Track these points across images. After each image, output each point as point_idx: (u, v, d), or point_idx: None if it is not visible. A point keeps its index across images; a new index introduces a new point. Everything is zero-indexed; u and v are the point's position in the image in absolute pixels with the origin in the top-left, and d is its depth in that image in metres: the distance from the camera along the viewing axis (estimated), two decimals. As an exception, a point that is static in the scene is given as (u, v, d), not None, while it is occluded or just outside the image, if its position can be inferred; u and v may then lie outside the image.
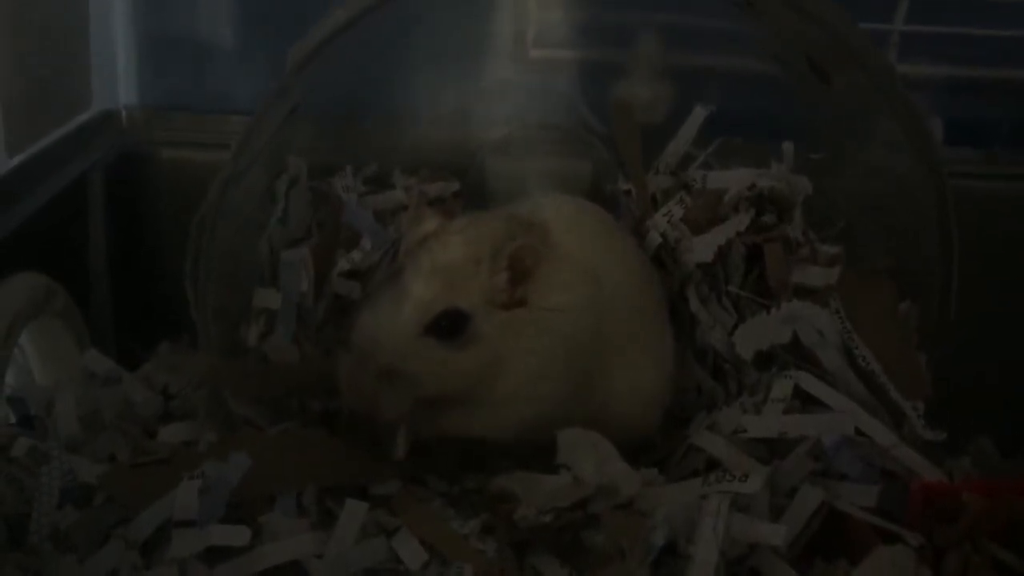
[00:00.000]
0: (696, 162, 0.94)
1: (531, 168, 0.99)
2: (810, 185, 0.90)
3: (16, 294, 0.84)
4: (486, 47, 1.03)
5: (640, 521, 0.66)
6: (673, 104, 1.00)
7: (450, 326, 0.70)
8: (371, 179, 0.98)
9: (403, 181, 0.98)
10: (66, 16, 0.98)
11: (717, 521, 0.65)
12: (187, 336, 0.87)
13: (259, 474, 0.68)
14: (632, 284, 0.80)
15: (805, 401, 0.77)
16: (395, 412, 0.71)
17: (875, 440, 0.73)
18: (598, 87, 1.02)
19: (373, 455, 0.75)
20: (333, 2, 0.81)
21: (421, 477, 0.75)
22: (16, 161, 0.90)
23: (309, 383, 0.82)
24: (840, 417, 0.74)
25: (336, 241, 0.93)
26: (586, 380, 0.76)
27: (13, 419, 0.81)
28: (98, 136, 1.05)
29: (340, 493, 0.69)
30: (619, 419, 0.77)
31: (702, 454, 0.75)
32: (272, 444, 0.71)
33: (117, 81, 1.09)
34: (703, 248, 0.87)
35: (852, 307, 0.81)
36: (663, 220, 0.89)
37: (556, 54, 1.04)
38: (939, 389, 0.79)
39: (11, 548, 0.66)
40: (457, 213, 0.91)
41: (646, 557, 0.64)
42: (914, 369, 0.79)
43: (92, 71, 1.03)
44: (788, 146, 0.92)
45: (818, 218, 0.91)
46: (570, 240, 0.77)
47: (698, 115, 0.93)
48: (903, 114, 0.84)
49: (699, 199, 0.90)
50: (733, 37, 0.97)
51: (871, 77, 0.82)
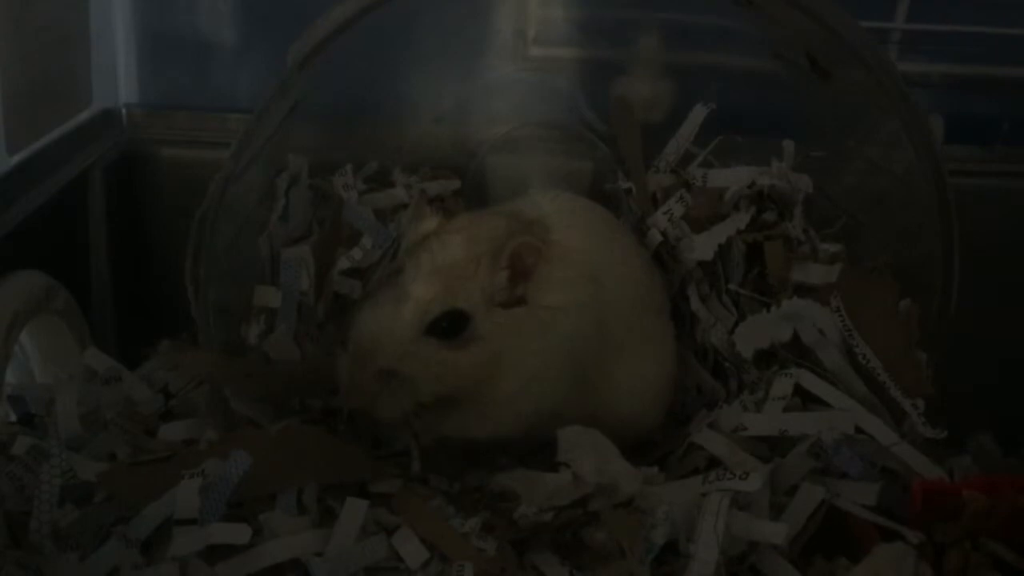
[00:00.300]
0: (696, 160, 0.94)
1: (531, 166, 0.99)
2: (811, 183, 0.90)
3: (16, 292, 0.84)
4: (487, 45, 1.03)
5: (640, 519, 0.67)
6: (673, 102, 1.00)
7: (450, 326, 0.70)
8: (371, 177, 0.98)
9: (403, 179, 0.98)
10: (66, 15, 0.98)
11: (717, 519, 0.65)
12: (187, 334, 0.87)
13: (259, 472, 0.68)
14: (632, 282, 0.80)
15: (805, 399, 0.77)
16: (395, 412, 0.71)
17: (875, 438, 0.73)
18: (599, 85, 1.02)
19: (373, 454, 0.75)
20: (333, 0, 0.81)
21: (422, 475, 0.75)
22: (16, 160, 0.89)
23: (309, 381, 0.82)
24: (840, 415, 0.74)
25: (336, 239, 0.93)
26: (586, 379, 0.76)
27: (13, 417, 0.81)
28: (98, 135, 1.04)
29: (340, 491, 0.69)
30: (620, 417, 0.77)
31: (702, 452, 0.75)
32: (273, 442, 0.71)
33: (117, 80, 1.09)
34: (703, 246, 0.87)
35: (852, 305, 0.81)
36: (663, 218, 0.89)
37: (557, 52, 1.04)
38: (939, 386, 0.79)
39: (12, 546, 0.66)
40: (457, 211, 0.91)
41: (646, 555, 0.65)
42: (914, 367, 0.79)
43: (92, 69, 1.03)
44: (788, 144, 0.92)
45: (818, 216, 0.91)
46: (570, 239, 0.77)
47: (698, 113, 0.93)
48: (904, 112, 0.84)
49: (699, 197, 0.90)
50: (733, 35, 0.97)
51: (872, 75, 0.82)
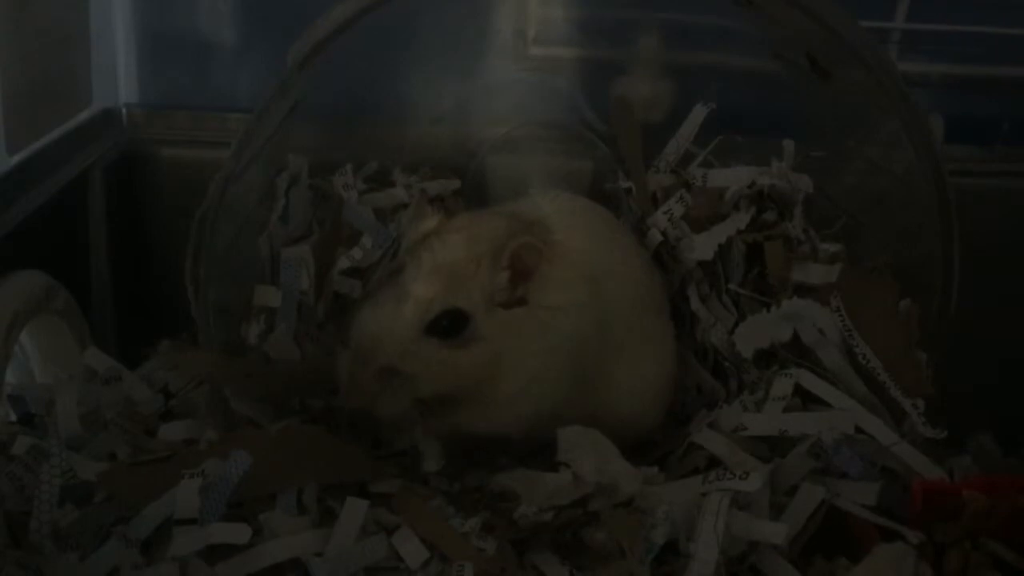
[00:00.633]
0: (696, 160, 0.94)
1: (531, 166, 0.99)
2: (811, 183, 0.90)
3: (17, 292, 0.84)
4: (487, 45, 1.03)
5: (640, 519, 0.67)
6: (673, 102, 1.00)
7: (450, 325, 0.70)
8: (372, 177, 0.98)
9: (404, 179, 0.98)
10: (66, 15, 0.98)
11: (717, 519, 0.65)
12: (187, 334, 0.87)
13: (260, 472, 0.68)
14: (633, 282, 0.80)
15: (805, 399, 0.77)
16: (395, 411, 0.71)
17: (875, 438, 0.73)
18: (599, 85, 1.02)
19: (373, 454, 0.75)
20: (333, 0, 0.81)
21: (423, 475, 0.75)
22: (16, 160, 0.89)
23: (309, 381, 0.82)
24: (840, 415, 0.74)
25: (336, 239, 0.93)
26: (587, 379, 0.76)
27: (13, 417, 0.81)
28: (98, 135, 1.04)
29: (340, 491, 0.69)
30: (620, 417, 0.77)
31: (702, 452, 0.75)
32: (273, 442, 0.71)
33: (117, 79, 1.09)
34: (703, 246, 0.87)
35: (853, 305, 0.81)
36: (663, 218, 0.89)
37: (557, 52, 1.04)
38: (939, 386, 0.79)
39: (12, 546, 0.66)
40: (458, 211, 0.91)
41: (646, 555, 0.65)
42: (914, 367, 0.79)
43: (92, 69, 1.03)
44: (789, 144, 0.92)
45: (818, 216, 0.91)
46: (571, 239, 0.77)
47: (698, 113, 0.93)
48: (904, 112, 0.84)
49: (699, 197, 0.90)
50: (733, 35, 0.97)
51: (872, 75, 0.82)
